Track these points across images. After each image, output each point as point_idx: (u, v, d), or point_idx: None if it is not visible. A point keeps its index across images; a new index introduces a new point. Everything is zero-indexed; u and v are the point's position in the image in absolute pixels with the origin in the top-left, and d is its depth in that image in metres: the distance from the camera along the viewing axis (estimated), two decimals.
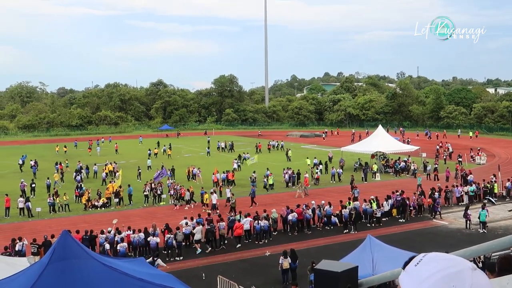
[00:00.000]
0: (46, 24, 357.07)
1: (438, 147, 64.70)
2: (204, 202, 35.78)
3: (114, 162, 53.51)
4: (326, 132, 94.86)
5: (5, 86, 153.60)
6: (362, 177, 46.42)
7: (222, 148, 72.58)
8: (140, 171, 49.09)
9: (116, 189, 38.31)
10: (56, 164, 53.04)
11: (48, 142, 78.70)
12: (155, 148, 67.58)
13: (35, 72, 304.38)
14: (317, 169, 48.23)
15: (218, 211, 32.85)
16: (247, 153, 60.77)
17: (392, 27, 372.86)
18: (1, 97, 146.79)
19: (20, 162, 56.25)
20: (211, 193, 35.80)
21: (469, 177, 41.80)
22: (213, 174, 44.68)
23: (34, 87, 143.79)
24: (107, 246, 24.92)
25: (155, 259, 22.25)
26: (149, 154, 61.47)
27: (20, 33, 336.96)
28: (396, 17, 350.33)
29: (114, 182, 42.56)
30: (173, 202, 37.65)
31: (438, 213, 33.34)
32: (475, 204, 35.05)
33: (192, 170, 47.87)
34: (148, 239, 25.82)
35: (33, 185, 42.12)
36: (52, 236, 24.62)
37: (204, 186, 41.21)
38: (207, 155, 64.31)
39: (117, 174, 45.87)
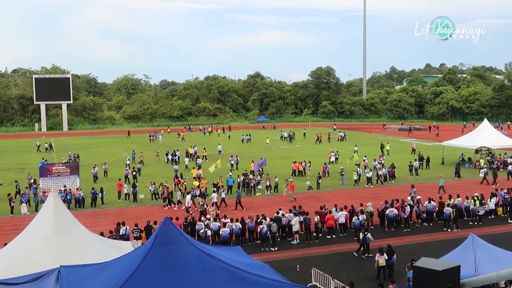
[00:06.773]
0: (151, 19, 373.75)
1: None
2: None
3: (191, 147, 56.98)
4: (438, 127, 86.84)
5: (112, 79, 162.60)
6: (455, 173, 44.19)
7: (285, 137, 74.87)
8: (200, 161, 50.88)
9: (216, 181, 38.73)
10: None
11: (151, 132, 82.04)
12: (178, 134, 78.75)
13: (140, 65, 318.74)
14: (416, 163, 46.64)
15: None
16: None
17: (500, 15, 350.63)
18: (109, 89, 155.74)
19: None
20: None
21: None
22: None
23: (138, 80, 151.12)
24: (209, 232, 25.60)
25: (366, 233, 24.02)
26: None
27: (126, 28, 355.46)
28: (504, 4, 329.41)
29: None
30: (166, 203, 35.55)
31: None
32: None
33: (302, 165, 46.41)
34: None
35: (134, 173, 44.08)
36: (155, 223, 25.73)
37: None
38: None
39: (199, 161, 49.72)
